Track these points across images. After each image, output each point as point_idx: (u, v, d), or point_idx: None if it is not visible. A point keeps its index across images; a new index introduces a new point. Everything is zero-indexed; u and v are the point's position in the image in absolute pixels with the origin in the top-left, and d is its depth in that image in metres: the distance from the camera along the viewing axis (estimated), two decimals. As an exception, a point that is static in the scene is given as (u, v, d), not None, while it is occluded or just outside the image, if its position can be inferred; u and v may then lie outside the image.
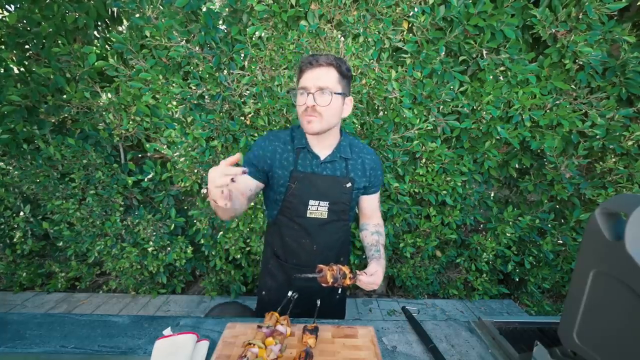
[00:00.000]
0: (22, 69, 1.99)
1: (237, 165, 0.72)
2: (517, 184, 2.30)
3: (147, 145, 2.08)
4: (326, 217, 1.08)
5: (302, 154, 1.05)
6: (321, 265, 0.89)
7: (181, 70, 1.91)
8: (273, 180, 1.05)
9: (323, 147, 1.05)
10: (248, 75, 1.88)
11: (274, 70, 1.89)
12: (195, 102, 1.93)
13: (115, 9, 2.18)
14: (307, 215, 1.06)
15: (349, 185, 1.06)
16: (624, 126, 1.90)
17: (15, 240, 2.36)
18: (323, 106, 0.93)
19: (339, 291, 1.26)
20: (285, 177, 1.04)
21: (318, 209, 1.06)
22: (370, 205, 1.19)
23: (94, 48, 1.92)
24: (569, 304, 0.67)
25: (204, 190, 2.31)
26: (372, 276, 0.94)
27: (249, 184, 1.04)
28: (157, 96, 1.94)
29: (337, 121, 1.00)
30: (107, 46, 2.13)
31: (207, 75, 1.89)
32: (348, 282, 0.89)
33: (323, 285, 0.91)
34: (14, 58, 1.96)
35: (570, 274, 2.32)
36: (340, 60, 0.96)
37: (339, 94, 0.95)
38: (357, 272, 0.94)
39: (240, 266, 2.45)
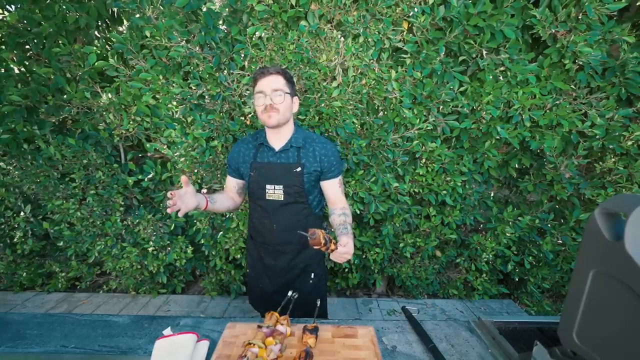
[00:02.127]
0: (22, 69, 1.99)
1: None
2: (517, 184, 2.31)
3: (148, 145, 2.08)
4: (283, 199, 1.25)
5: (261, 149, 1.28)
6: (313, 229, 1.00)
7: (181, 71, 1.91)
8: (243, 174, 1.32)
9: (278, 140, 1.26)
10: (248, 75, 1.88)
11: (274, 71, 1.89)
12: (195, 102, 1.93)
13: (115, 9, 2.18)
14: (267, 198, 1.26)
15: (299, 169, 1.23)
16: (624, 126, 1.90)
17: (15, 240, 2.36)
18: (279, 103, 1.15)
19: (312, 275, 1.37)
20: (247, 168, 1.28)
21: (275, 192, 1.25)
22: (331, 190, 1.31)
23: (94, 48, 1.92)
24: (568, 304, 0.67)
25: (204, 191, 2.31)
26: (345, 247, 1.05)
27: (233, 184, 1.36)
28: (158, 96, 1.94)
29: (289, 116, 1.22)
30: (107, 46, 2.13)
31: (207, 76, 1.89)
32: (333, 247, 1.02)
33: (315, 247, 1.01)
34: (14, 58, 1.96)
35: (570, 274, 2.32)
36: (284, 69, 1.20)
37: (288, 93, 1.18)
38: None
39: (240, 266, 2.45)
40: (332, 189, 1.31)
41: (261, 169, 1.25)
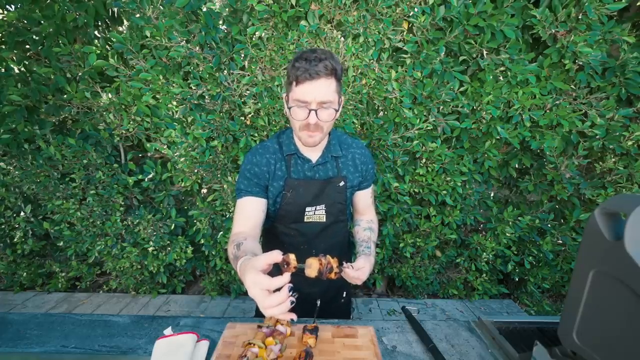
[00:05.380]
0: (22, 69, 1.99)
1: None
2: (517, 184, 2.31)
3: (148, 145, 2.08)
4: (325, 220, 1.06)
5: (293, 160, 1.02)
6: (310, 259, 0.81)
7: (181, 71, 1.91)
8: (270, 194, 1.03)
9: (313, 150, 1.02)
10: (248, 75, 1.88)
11: (274, 71, 1.89)
12: (195, 102, 1.93)
13: (115, 9, 2.18)
14: (305, 221, 1.05)
15: (342, 184, 1.04)
16: (624, 126, 1.90)
17: (15, 240, 2.36)
18: (327, 121, 0.89)
19: (344, 294, 1.26)
20: (280, 187, 1.02)
21: (315, 213, 1.04)
22: (363, 201, 1.16)
23: (94, 48, 1.92)
24: (568, 304, 0.67)
25: (204, 190, 2.31)
26: (358, 271, 0.90)
27: (261, 207, 1.00)
28: (158, 96, 1.94)
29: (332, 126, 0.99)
30: (107, 46, 2.13)
31: (207, 75, 1.89)
32: (333, 276, 0.82)
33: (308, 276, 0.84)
34: (14, 58, 1.96)
35: (570, 274, 2.32)
36: (335, 61, 0.86)
37: (337, 105, 0.91)
38: (344, 264, 0.88)
39: (241, 266, 2.45)
40: (364, 198, 1.15)
41: (299, 188, 1.01)
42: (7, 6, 1.94)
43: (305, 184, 1.02)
